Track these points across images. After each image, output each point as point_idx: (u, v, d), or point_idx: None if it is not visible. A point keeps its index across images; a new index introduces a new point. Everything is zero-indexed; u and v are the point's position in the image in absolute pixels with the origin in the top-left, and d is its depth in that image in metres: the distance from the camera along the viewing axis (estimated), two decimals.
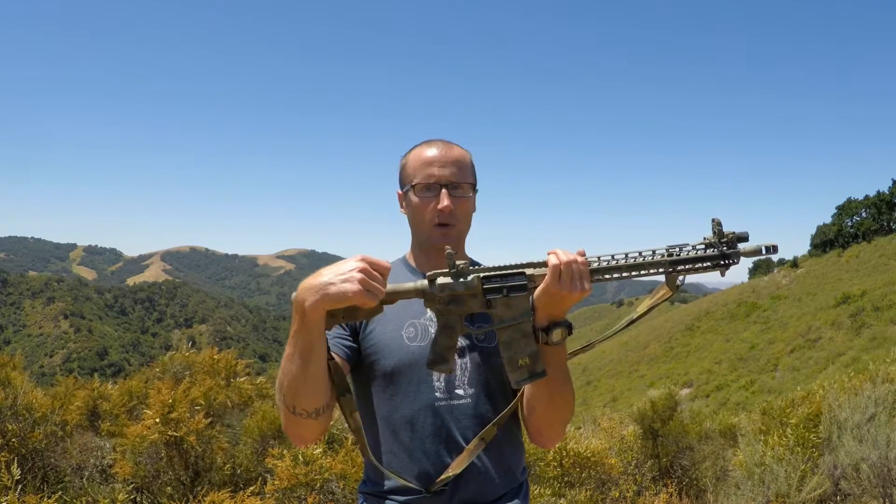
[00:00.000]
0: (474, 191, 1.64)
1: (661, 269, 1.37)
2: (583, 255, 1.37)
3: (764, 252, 1.34)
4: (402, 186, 1.65)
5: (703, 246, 1.36)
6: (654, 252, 1.37)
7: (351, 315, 1.40)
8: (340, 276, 1.28)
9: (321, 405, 1.41)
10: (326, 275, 1.30)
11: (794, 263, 63.98)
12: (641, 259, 1.36)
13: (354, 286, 1.27)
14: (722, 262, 1.35)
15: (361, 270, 1.28)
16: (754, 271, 74.93)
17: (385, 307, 1.42)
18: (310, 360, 1.34)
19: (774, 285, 59.04)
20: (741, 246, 1.35)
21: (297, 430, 1.43)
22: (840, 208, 64.97)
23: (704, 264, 1.36)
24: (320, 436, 1.50)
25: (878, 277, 44.60)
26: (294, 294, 1.33)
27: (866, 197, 63.32)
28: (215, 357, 5.22)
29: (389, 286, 1.40)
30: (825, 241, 63.82)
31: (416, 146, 1.65)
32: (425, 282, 1.39)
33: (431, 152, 1.60)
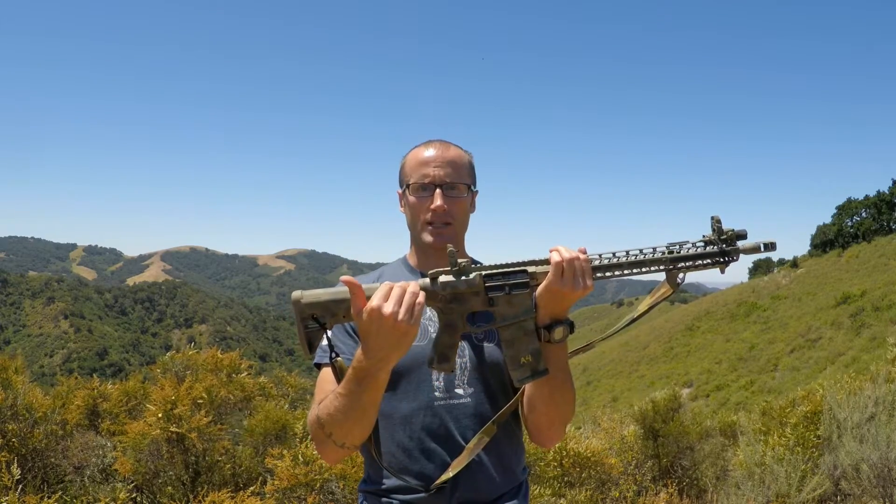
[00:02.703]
0: (471, 191, 1.64)
1: (661, 267, 1.38)
2: (584, 252, 1.38)
3: (763, 249, 1.36)
4: (400, 186, 1.67)
5: (702, 243, 1.38)
6: (654, 249, 1.38)
7: (350, 315, 1.41)
8: (398, 341, 1.30)
9: (367, 437, 1.46)
10: (381, 341, 1.29)
11: (794, 263, 63.99)
12: (642, 256, 1.37)
13: (414, 328, 1.30)
14: (722, 259, 1.37)
15: (403, 321, 1.28)
16: (754, 271, 74.93)
17: None
18: (374, 410, 1.40)
19: (774, 285, 59.03)
20: (740, 243, 1.37)
21: (336, 456, 1.48)
22: (840, 208, 64.93)
23: (704, 261, 1.37)
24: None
25: (878, 277, 44.58)
26: (357, 365, 1.33)
27: (866, 197, 63.28)
28: (219, 356, 5.22)
29: None
30: (825, 241, 63.80)
31: (415, 146, 1.66)
32: (427, 280, 1.39)
33: (428, 153, 1.61)
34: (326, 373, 1.52)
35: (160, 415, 4.16)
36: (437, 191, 1.56)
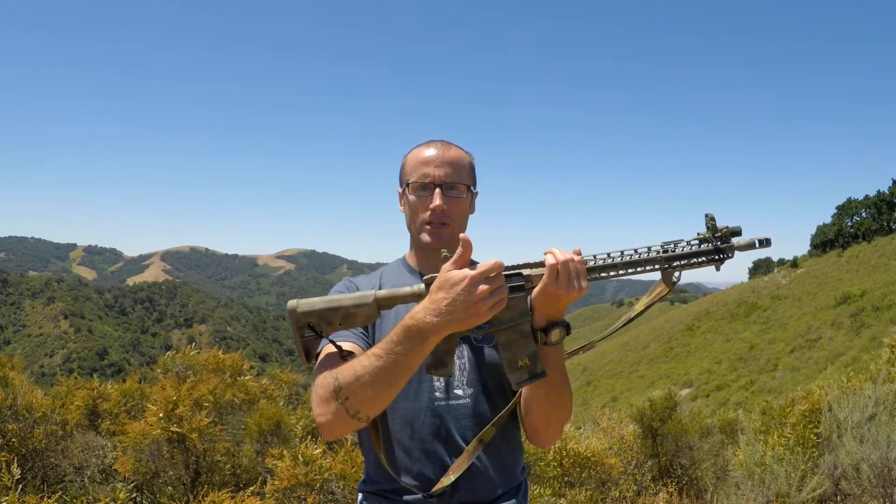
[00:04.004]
0: (471, 192, 1.64)
1: (656, 266, 1.38)
2: (579, 253, 1.37)
3: (757, 245, 1.35)
4: (401, 185, 1.66)
5: (697, 241, 1.37)
6: (649, 249, 1.37)
7: (348, 322, 1.41)
8: (465, 317, 1.26)
9: (379, 412, 1.40)
10: (454, 307, 1.26)
11: (794, 263, 64.05)
12: (637, 256, 1.37)
13: (486, 316, 1.27)
14: (716, 257, 1.36)
15: (482, 295, 1.25)
16: (754, 271, 74.95)
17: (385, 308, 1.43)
18: (405, 379, 1.33)
19: (774, 285, 59.01)
20: (735, 240, 1.36)
21: (340, 429, 1.39)
22: (840, 208, 64.95)
23: (699, 259, 1.36)
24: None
25: (878, 277, 44.58)
26: (412, 322, 1.28)
27: (866, 197, 63.30)
28: (220, 357, 5.22)
29: (386, 291, 1.41)
30: (825, 241, 63.81)
31: (416, 146, 1.65)
32: (422, 286, 1.38)
33: (429, 152, 1.60)
34: (328, 348, 1.47)
35: (161, 415, 4.16)
36: (437, 190, 1.55)
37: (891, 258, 48.97)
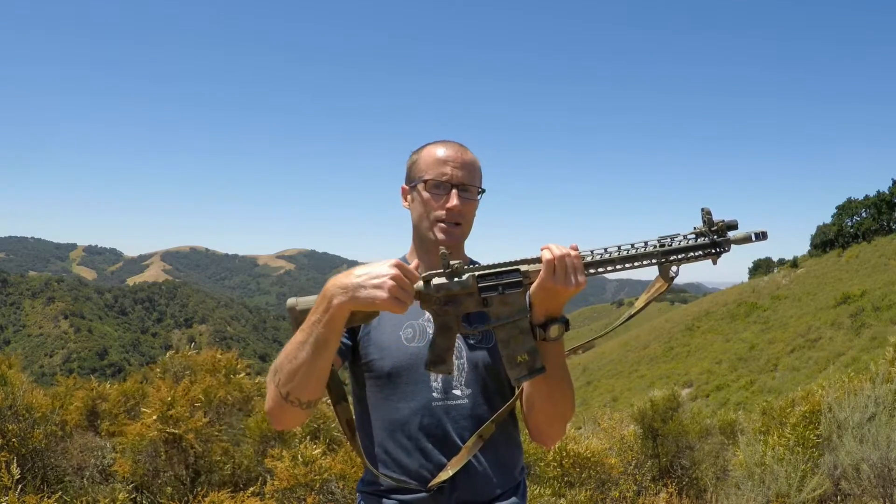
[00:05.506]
0: (480, 196, 1.66)
1: (653, 260, 1.38)
2: (576, 249, 1.38)
3: (753, 238, 1.35)
4: (409, 181, 1.66)
5: (693, 235, 1.38)
6: (645, 243, 1.38)
7: (351, 319, 1.41)
8: (372, 281, 1.30)
9: (314, 398, 1.42)
10: (359, 276, 1.31)
11: (794, 263, 64.12)
12: (634, 251, 1.37)
13: (384, 293, 1.29)
14: (713, 251, 1.36)
15: (393, 278, 1.29)
16: (754, 271, 75.02)
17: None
18: (321, 353, 1.35)
19: (774, 285, 59.05)
20: (731, 234, 1.36)
21: (282, 416, 1.44)
22: (840, 208, 65.03)
23: (696, 253, 1.37)
24: (301, 424, 1.52)
25: (878, 277, 44.62)
26: (325, 287, 1.35)
27: (866, 197, 63.40)
28: (217, 357, 5.21)
29: None
30: (825, 241, 63.90)
31: (429, 143, 1.66)
32: (420, 283, 1.39)
33: (447, 152, 1.61)
34: None
35: (156, 416, 4.16)
36: (454, 191, 1.57)
37: (891, 258, 49.01)
